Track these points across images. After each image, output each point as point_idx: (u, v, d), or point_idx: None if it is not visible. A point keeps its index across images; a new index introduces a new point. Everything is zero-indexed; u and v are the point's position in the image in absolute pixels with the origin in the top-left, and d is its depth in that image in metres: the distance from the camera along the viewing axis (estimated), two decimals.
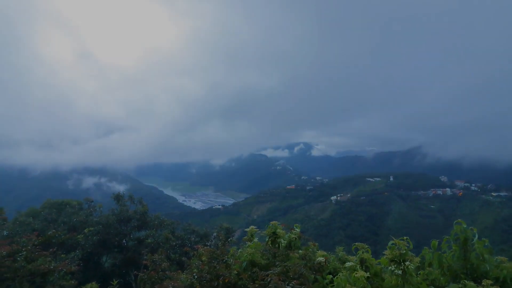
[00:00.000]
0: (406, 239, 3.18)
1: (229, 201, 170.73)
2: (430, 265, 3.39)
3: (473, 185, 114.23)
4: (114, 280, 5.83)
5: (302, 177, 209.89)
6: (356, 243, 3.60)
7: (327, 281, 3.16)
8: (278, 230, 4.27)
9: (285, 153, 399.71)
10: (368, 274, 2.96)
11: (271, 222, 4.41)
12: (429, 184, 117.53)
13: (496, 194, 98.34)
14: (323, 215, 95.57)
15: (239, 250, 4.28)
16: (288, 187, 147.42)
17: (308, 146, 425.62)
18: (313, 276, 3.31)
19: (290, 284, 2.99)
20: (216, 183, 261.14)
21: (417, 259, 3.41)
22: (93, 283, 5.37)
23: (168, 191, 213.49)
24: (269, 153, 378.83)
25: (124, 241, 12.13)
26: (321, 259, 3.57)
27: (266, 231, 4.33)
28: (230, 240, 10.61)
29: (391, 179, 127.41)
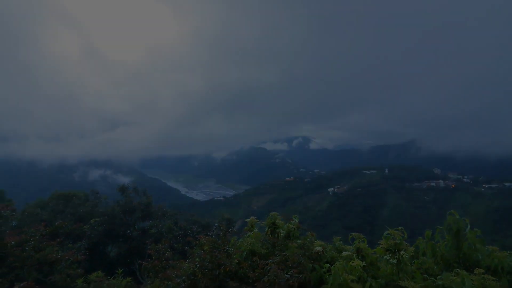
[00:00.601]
0: (401, 229, 3.23)
1: (230, 193, 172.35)
2: (424, 254, 3.44)
3: (465, 177, 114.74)
4: (119, 269, 6.03)
5: (301, 170, 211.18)
6: (353, 233, 3.64)
7: (324, 269, 3.21)
8: (277, 221, 4.34)
9: (284, 146, 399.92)
10: (364, 263, 3.01)
11: (271, 213, 4.45)
12: (423, 176, 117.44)
13: (488, 186, 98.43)
14: (321, 206, 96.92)
15: (240, 240, 4.34)
16: (287, 179, 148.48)
17: (307, 140, 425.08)
18: (311, 265, 3.38)
19: (289, 273, 3.07)
20: (217, 175, 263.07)
21: (412, 248, 3.50)
22: (98, 271, 5.56)
23: (171, 183, 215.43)
24: (269, 146, 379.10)
25: (128, 231, 12.37)
26: (318, 248, 3.63)
27: (265, 222, 4.39)
28: (231, 230, 10.82)
29: (387, 171, 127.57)
